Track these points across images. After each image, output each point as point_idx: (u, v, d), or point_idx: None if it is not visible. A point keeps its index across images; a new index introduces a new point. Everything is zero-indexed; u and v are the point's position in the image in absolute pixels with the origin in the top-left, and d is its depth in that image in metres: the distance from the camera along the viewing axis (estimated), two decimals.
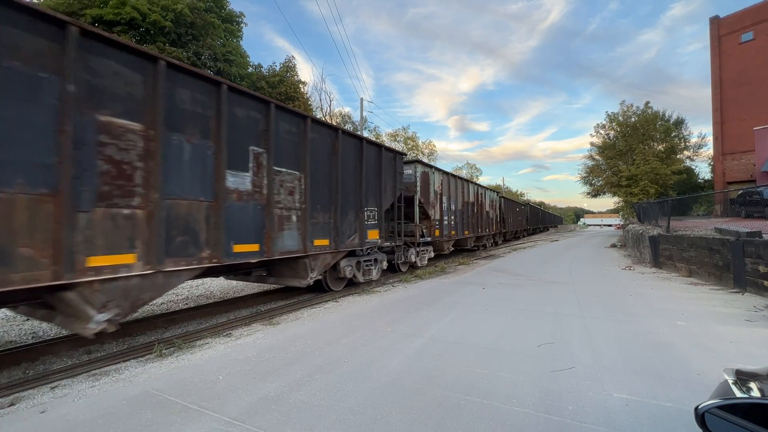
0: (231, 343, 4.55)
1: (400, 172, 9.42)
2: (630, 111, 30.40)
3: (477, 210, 16.71)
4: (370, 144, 8.25)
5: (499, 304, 6.56)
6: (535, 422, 2.68)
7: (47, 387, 3.44)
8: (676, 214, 15.15)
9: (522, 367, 3.69)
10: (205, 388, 3.27)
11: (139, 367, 3.85)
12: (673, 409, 2.84)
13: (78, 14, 13.69)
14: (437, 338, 4.62)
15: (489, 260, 14.33)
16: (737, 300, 6.72)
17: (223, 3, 17.63)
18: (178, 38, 14.88)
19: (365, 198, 7.87)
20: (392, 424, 2.67)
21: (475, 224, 16.34)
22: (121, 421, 2.74)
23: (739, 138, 23.13)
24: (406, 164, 10.53)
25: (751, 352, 4.10)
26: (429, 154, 41.52)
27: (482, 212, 17.63)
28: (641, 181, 26.38)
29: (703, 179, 35.12)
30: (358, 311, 6.10)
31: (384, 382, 3.36)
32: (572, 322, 5.31)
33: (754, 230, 8.08)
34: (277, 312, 6.22)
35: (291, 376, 3.52)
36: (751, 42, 23.59)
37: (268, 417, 2.78)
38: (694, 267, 9.36)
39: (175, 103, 4.29)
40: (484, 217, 17.85)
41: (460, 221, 14.31)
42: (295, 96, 19.61)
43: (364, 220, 7.89)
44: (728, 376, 1.29)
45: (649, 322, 5.28)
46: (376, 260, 8.63)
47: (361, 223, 7.80)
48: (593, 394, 3.10)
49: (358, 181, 7.69)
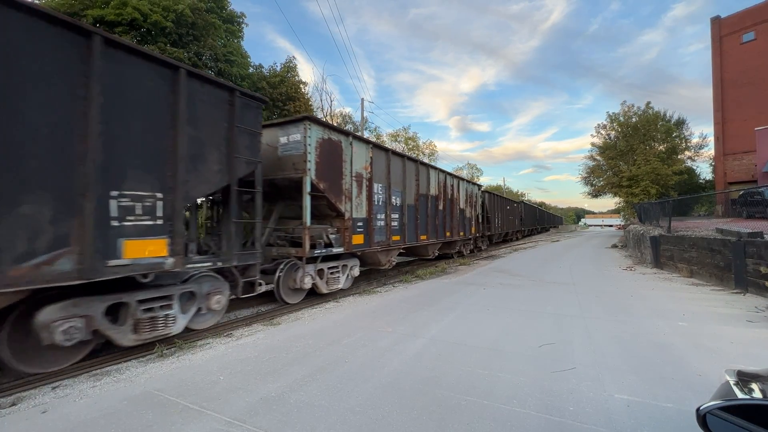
0: (232, 344, 4.55)
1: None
2: (631, 111, 30.38)
3: (444, 206, 12.84)
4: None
5: (500, 304, 6.55)
6: (536, 423, 2.67)
7: (48, 387, 3.45)
8: (677, 215, 15.13)
9: (523, 368, 3.68)
10: (206, 389, 3.28)
11: (140, 367, 3.86)
12: (674, 410, 2.83)
13: (79, 15, 13.71)
14: (438, 339, 4.62)
15: (490, 261, 14.32)
16: (738, 301, 6.71)
17: (224, 3, 17.65)
18: (179, 39, 14.90)
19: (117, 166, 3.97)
20: (393, 424, 2.67)
21: (439, 225, 12.38)
22: (122, 421, 2.75)
23: (741, 138, 23.07)
24: (291, 123, 6.83)
25: (753, 353, 4.09)
26: (430, 154, 41.47)
27: (454, 209, 13.74)
28: (642, 181, 26.33)
29: (704, 180, 35.06)
30: (358, 311, 6.10)
31: (385, 383, 3.36)
32: (573, 323, 5.31)
33: (755, 231, 8.06)
34: (277, 312, 6.23)
35: (292, 376, 3.52)
36: (752, 42, 23.54)
37: (268, 417, 2.78)
38: (696, 267, 9.34)
39: None
40: (456, 217, 14.01)
41: (411, 221, 10.46)
42: (295, 96, 19.62)
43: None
44: (730, 377, 1.29)
45: (650, 323, 5.27)
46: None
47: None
48: (594, 395, 3.09)
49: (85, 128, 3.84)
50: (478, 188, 17.37)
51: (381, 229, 8.87)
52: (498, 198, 22.15)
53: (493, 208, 20.25)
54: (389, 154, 9.38)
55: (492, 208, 20.11)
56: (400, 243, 9.82)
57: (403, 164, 10.06)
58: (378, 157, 8.91)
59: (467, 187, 15.33)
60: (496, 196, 21.80)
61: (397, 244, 9.68)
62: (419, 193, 10.90)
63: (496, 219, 21.09)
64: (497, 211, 21.46)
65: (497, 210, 21.46)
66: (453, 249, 14.53)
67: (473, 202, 15.97)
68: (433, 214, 11.82)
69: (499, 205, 21.84)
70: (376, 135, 36.63)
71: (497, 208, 21.42)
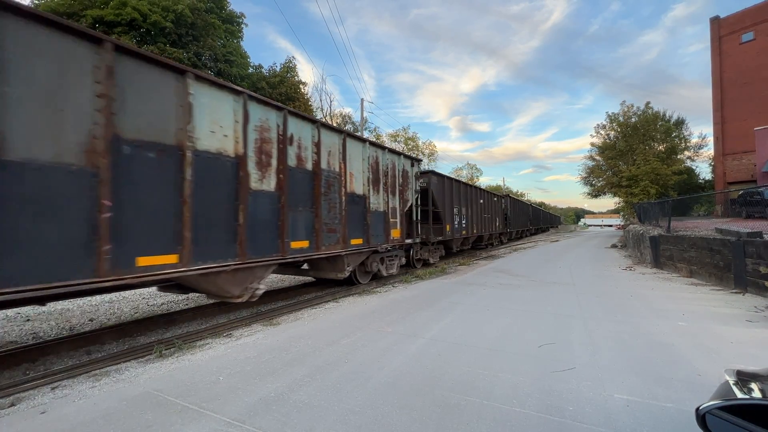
0: (231, 344, 4.55)
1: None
2: (630, 111, 30.43)
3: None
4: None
5: (500, 304, 6.55)
6: (536, 423, 2.67)
7: (48, 387, 3.44)
8: (676, 215, 15.15)
9: (522, 368, 3.68)
10: (206, 389, 3.27)
11: (140, 367, 3.85)
12: (674, 409, 2.83)
13: (79, 15, 13.71)
14: (438, 339, 4.62)
15: (489, 261, 14.32)
16: (738, 300, 6.71)
17: (224, 3, 17.65)
18: (178, 39, 14.90)
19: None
20: (393, 424, 2.67)
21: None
22: (122, 421, 2.74)
23: (740, 138, 23.10)
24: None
25: (752, 353, 4.09)
26: (429, 155, 41.51)
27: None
28: (642, 181, 26.36)
29: (704, 179, 35.11)
30: (358, 312, 6.10)
31: (384, 383, 3.36)
32: (573, 323, 5.31)
33: (754, 230, 8.07)
34: (277, 312, 6.22)
35: (291, 376, 3.52)
36: (751, 42, 23.58)
37: (268, 417, 2.78)
38: (695, 267, 9.35)
39: None
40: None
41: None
42: (295, 96, 19.63)
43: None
44: (729, 377, 1.28)
45: (649, 323, 5.27)
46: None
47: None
48: (594, 395, 3.09)
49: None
50: (413, 163, 10.60)
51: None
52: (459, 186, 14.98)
53: (446, 200, 13.33)
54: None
55: (445, 200, 13.22)
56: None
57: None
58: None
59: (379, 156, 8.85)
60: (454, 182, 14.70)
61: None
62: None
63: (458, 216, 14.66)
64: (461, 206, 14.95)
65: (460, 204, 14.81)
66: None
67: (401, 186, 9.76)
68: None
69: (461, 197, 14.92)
70: (375, 135, 36.64)
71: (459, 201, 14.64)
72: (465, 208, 15.48)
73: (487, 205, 19.25)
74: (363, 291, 8.01)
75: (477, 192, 17.77)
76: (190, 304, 7.21)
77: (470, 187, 16.78)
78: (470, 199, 16.24)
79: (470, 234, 16.15)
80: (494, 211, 20.72)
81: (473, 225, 16.57)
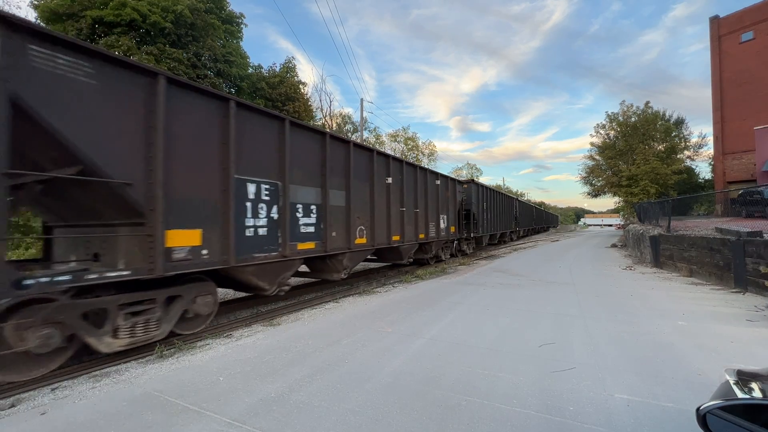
0: (231, 344, 4.55)
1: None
2: (630, 111, 30.39)
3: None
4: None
5: (500, 304, 6.55)
6: (536, 423, 2.67)
7: (48, 388, 3.44)
8: (676, 214, 15.14)
9: (523, 368, 3.68)
10: (206, 389, 3.27)
11: (140, 368, 3.85)
12: (675, 409, 2.83)
13: (78, 16, 13.71)
14: (438, 339, 4.61)
15: (489, 261, 14.32)
16: (738, 300, 6.71)
17: (223, 4, 17.64)
18: (178, 39, 14.89)
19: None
20: (393, 424, 2.67)
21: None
22: (122, 422, 2.74)
23: (740, 137, 23.09)
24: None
25: (753, 352, 4.09)
26: (429, 155, 41.45)
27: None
28: (641, 181, 26.35)
29: (704, 179, 35.08)
30: (358, 312, 6.09)
31: (385, 383, 3.36)
32: (573, 323, 5.31)
33: (754, 230, 8.07)
34: (277, 313, 6.22)
35: (291, 376, 3.52)
36: (751, 42, 23.56)
37: (268, 418, 2.78)
38: (695, 267, 9.35)
39: None
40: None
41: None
42: (295, 97, 19.62)
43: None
44: (729, 377, 1.28)
45: (650, 322, 5.27)
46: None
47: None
48: (594, 395, 3.09)
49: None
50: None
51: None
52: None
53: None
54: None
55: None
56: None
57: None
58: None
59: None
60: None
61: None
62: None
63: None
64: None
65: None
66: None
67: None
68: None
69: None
70: (375, 135, 36.64)
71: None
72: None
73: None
74: (363, 291, 8.01)
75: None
76: None
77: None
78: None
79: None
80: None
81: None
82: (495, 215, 19.32)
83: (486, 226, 17.34)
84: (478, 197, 16.17)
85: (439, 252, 12.81)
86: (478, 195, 16.30)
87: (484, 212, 16.97)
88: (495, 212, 19.31)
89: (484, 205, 17.07)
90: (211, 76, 16.36)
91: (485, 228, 17.22)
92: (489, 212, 17.96)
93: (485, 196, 17.38)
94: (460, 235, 14.50)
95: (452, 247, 14.19)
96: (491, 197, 18.63)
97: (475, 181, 16.85)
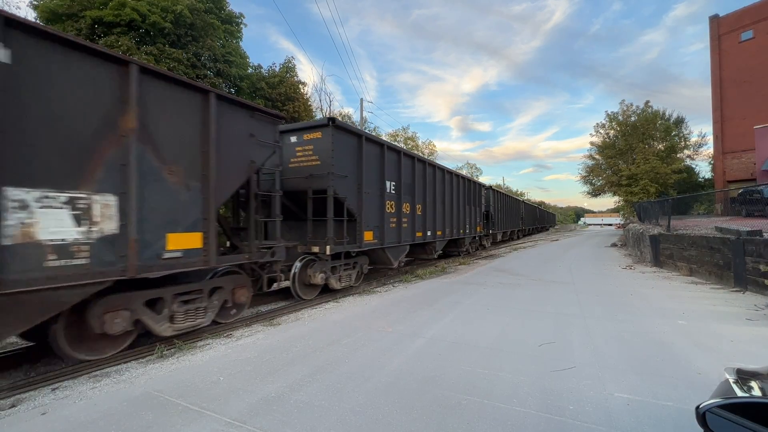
0: (232, 344, 4.55)
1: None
2: (630, 110, 30.39)
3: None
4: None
5: (500, 303, 6.55)
6: (536, 422, 2.67)
7: (48, 388, 3.44)
8: (676, 214, 15.14)
9: (523, 367, 3.68)
10: (206, 389, 3.27)
11: (140, 368, 3.85)
12: (674, 408, 2.84)
13: (78, 16, 13.70)
14: (438, 338, 4.62)
15: (489, 260, 14.32)
16: (738, 299, 6.71)
17: (223, 4, 17.62)
18: (177, 39, 14.88)
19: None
20: (393, 424, 2.67)
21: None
22: (122, 422, 2.74)
23: (740, 137, 23.09)
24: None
25: (752, 351, 4.10)
26: (429, 155, 41.44)
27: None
28: (641, 180, 26.36)
29: (704, 178, 35.08)
30: (358, 311, 6.10)
31: (385, 383, 3.36)
32: (573, 322, 5.31)
33: (754, 229, 8.07)
34: (277, 313, 6.22)
35: (292, 376, 3.52)
36: (750, 41, 23.55)
37: (269, 418, 2.78)
38: (695, 266, 9.35)
39: None
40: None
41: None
42: (294, 97, 19.60)
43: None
44: (729, 376, 1.28)
45: (649, 322, 5.27)
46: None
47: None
48: (594, 394, 3.10)
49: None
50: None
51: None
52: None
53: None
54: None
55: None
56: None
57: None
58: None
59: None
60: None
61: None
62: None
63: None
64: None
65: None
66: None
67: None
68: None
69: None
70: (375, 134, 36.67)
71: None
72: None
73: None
74: (363, 291, 8.01)
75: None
76: None
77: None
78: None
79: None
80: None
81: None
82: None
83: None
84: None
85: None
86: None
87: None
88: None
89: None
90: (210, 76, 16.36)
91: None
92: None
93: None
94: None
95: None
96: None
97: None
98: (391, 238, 8.86)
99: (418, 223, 10.24)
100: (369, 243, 8.03)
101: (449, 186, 12.68)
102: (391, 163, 8.85)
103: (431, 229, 11.07)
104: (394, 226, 9.01)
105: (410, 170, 9.85)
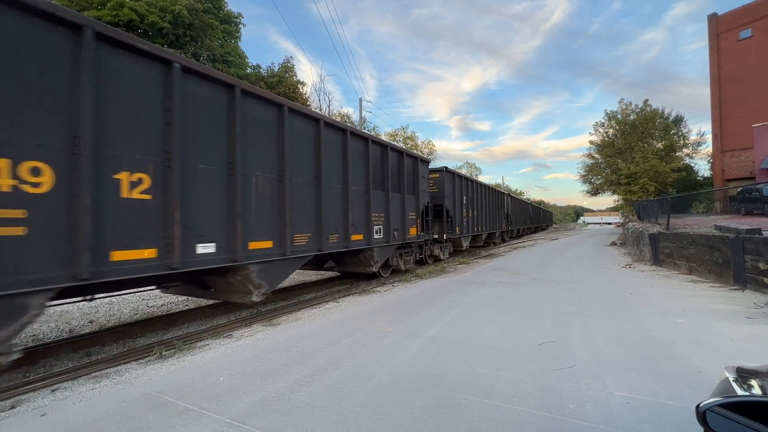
0: (231, 344, 4.55)
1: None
2: (629, 109, 30.43)
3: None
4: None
5: (500, 302, 6.55)
6: (536, 421, 2.68)
7: (48, 389, 3.43)
8: (675, 212, 15.16)
9: (523, 366, 3.69)
10: (206, 390, 3.27)
11: (140, 368, 3.85)
12: (674, 406, 2.84)
13: None
14: (438, 338, 4.62)
15: (489, 259, 14.32)
16: (737, 297, 6.72)
17: (221, 4, 17.61)
18: (176, 39, 14.86)
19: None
20: (394, 424, 2.67)
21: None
22: (122, 423, 2.74)
23: (739, 135, 23.11)
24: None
25: (752, 350, 4.10)
26: (428, 154, 41.42)
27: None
28: (641, 179, 26.40)
29: (703, 177, 35.15)
30: (358, 311, 6.10)
31: (385, 382, 3.36)
32: (573, 321, 5.31)
33: (753, 227, 8.08)
34: (277, 313, 6.22)
35: (292, 376, 3.52)
36: (749, 39, 23.57)
37: (269, 418, 2.78)
38: (694, 264, 9.36)
39: None
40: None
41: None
42: (294, 96, 19.60)
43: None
44: (729, 374, 1.28)
45: (649, 320, 5.28)
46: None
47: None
48: (594, 393, 3.10)
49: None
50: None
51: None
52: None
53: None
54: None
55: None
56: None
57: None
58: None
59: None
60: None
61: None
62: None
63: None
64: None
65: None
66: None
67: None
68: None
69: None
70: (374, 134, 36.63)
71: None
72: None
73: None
74: (363, 291, 8.01)
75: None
76: (189, 305, 7.20)
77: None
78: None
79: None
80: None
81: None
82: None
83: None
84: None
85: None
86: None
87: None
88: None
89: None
90: None
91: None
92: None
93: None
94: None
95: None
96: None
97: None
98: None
99: None
100: None
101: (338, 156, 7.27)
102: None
103: None
104: None
105: None
